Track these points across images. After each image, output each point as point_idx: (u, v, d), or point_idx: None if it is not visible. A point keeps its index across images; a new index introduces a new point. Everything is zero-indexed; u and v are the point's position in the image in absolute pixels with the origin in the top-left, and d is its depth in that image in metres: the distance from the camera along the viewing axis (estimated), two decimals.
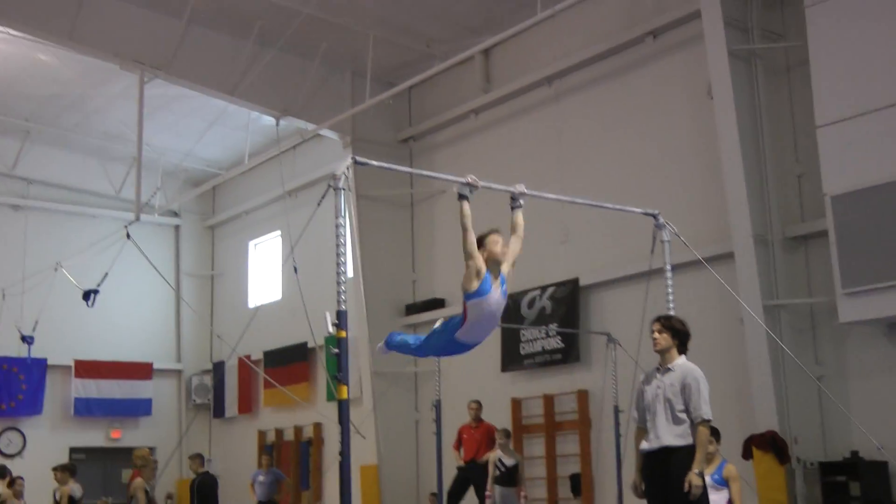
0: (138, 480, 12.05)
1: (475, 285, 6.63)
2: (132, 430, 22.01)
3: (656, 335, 7.07)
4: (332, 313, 6.14)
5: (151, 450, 20.98)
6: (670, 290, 8.29)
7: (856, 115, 10.74)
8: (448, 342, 6.92)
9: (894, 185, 10.33)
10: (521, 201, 7.29)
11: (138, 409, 21.96)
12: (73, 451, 21.05)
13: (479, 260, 6.65)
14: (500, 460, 12.70)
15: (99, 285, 15.05)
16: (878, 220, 10.44)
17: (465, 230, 6.66)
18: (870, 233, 10.51)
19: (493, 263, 6.72)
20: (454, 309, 16.60)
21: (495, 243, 6.75)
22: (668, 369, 6.99)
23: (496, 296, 6.71)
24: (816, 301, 11.73)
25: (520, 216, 7.23)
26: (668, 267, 8.34)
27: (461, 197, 6.81)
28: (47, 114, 19.61)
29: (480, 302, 6.66)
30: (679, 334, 7.07)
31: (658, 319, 7.25)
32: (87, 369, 21.46)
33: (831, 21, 11.04)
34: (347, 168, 6.40)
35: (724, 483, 7.88)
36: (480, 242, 6.72)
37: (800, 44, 11.78)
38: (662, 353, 7.06)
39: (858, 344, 11.40)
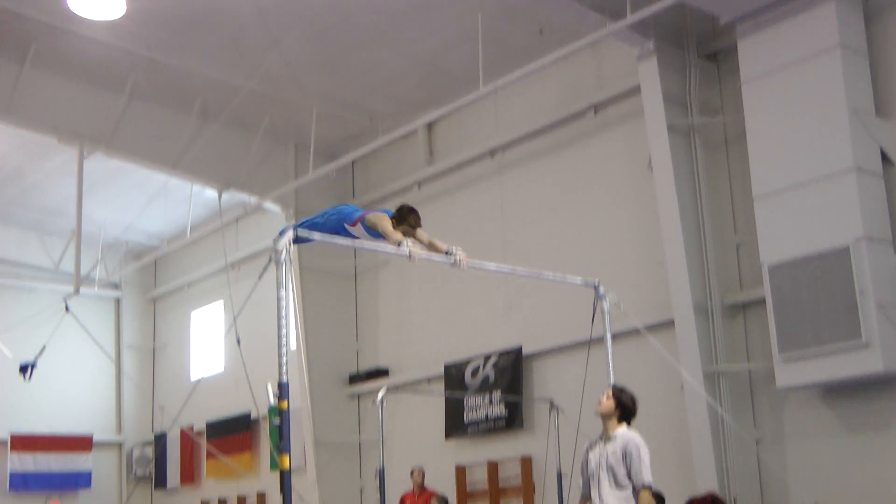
0: None
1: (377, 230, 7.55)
2: None
3: (604, 399, 7.18)
4: (274, 385, 6.15)
5: None
6: (611, 358, 8.40)
7: (791, 186, 11.02)
8: (338, 227, 7.75)
9: (830, 253, 10.58)
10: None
11: (77, 482, 21.67)
12: None
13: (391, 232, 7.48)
14: None
15: (36, 358, 14.79)
16: (813, 289, 10.68)
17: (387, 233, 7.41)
18: (805, 300, 10.74)
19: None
20: (398, 378, 16.60)
21: (412, 239, 7.53)
22: (611, 438, 7.07)
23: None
24: (755, 367, 11.92)
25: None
26: (609, 335, 8.47)
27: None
28: None
29: (370, 238, 7.74)
30: (624, 408, 7.18)
31: (613, 387, 7.46)
32: (23, 443, 21.13)
33: (767, 96, 11.37)
34: (289, 241, 6.45)
35: None
36: (406, 218, 7.55)
37: (737, 118, 12.11)
38: (602, 418, 7.15)
39: (795, 408, 11.58)
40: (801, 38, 11.03)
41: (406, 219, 7.48)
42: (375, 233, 7.52)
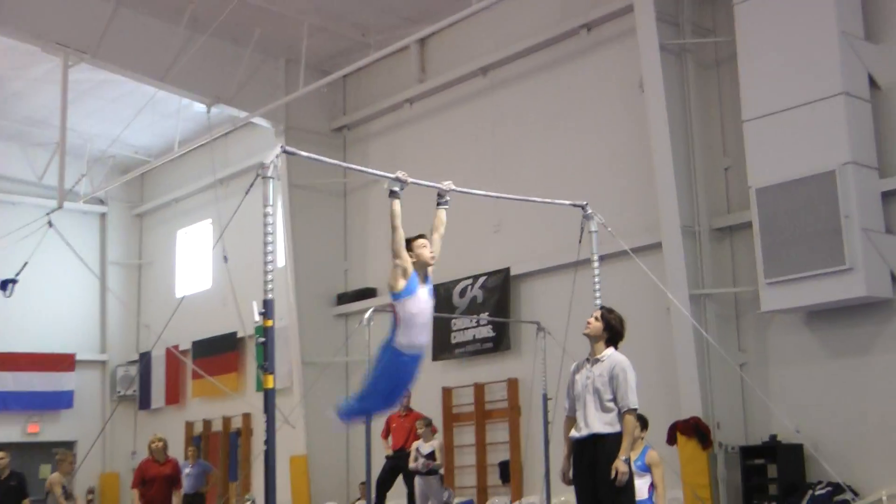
0: (55, 475, 11.76)
1: (402, 284, 6.63)
2: (52, 424, 21.52)
3: (591, 320, 7.12)
4: (260, 302, 6.10)
5: (72, 444, 20.58)
6: (597, 279, 8.38)
7: (781, 110, 11.00)
8: (393, 361, 6.68)
9: (816, 178, 10.61)
10: (448, 198, 7.33)
11: (59, 401, 21.46)
12: None
13: (407, 261, 6.66)
14: (417, 449, 12.64)
15: (17, 274, 14.57)
16: (800, 213, 10.71)
17: (394, 229, 6.66)
18: (792, 225, 10.77)
19: (421, 266, 6.76)
20: (385, 299, 16.54)
21: (423, 247, 6.77)
22: (598, 360, 7.04)
23: (424, 295, 6.73)
24: (741, 290, 12.00)
25: (444, 214, 7.24)
26: (596, 256, 8.44)
27: (392, 194, 6.80)
28: None
29: (409, 300, 6.64)
30: (612, 330, 7.11)
31: (602, 308, 7.37)
32: (2, 361, 20.81)
33: (759, 18, 11.29)
34: (276, 157, 6.36)
35: (646, 469, 7.96)
36: (409, 245, 6.73)
37: (729, 39, 12.02)
38: (590, 339, 7.11)
39: (779, 332, 11.70)
40: None
41: (413, 241, 6.91)
42: (409, 288, 6.58)
